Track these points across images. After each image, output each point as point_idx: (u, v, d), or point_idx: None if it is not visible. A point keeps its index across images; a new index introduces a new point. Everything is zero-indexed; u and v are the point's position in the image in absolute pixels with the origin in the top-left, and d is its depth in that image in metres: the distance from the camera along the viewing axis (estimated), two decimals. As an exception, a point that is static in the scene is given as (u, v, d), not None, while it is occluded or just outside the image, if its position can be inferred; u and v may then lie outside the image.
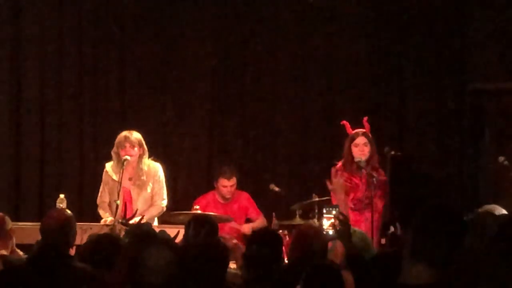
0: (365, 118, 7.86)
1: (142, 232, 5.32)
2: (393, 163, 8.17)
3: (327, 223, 5.03)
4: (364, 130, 7.82)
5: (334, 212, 5.00)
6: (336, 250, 5.20)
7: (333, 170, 7.82)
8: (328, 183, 6.44)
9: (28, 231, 7.19)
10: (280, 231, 7.66)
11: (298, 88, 9.89)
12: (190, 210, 8.19)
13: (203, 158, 9.82)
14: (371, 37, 9.83)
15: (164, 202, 8.06)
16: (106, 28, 9.72)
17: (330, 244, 5.30)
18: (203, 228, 5.94)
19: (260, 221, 8.86)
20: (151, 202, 8.00)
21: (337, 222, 4.87)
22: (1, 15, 9.59)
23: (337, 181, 6.42)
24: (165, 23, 9.76)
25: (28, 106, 9.61)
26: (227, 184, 8.73)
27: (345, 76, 9.85)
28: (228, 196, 8.77)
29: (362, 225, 7.39)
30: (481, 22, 9.67)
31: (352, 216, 7.04)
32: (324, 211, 5.03)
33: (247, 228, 8.58)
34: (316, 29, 9.85)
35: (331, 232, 4.91)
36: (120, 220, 7.35)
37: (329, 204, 7.88)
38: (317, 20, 9.84)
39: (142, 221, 7.16)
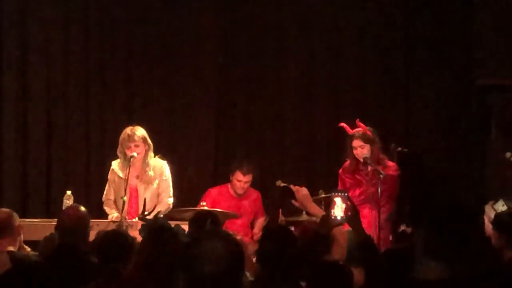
0: (357, 120, 7.90)
1: (158, 227, 5.32)
2: (400, 159, 8.17)
3: (336, 208, 4.94)
4: (360, 130, 7.83)
5: (343, 197, 4.86)
6: (337, 244, 5.19)
7: (340, 171, 7.87)
8: (295, 198, 5.72)
9: (35, 227, 7.21)
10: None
11: (304, 84, 9.89)
12: (196, 206, 8.21)
13: (209, 155, 9.82)
14: (377, 33, 9.83)
15: (171, 200, 8.06)
16: (113, 25, 9.73)
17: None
18: (206, 225, 5.94)
19: (261, 220, 8.93)
20: (157, 200, 7.99)
21: (348, 205, 4.78)
22: (7, 12, 9.60)
23: (303, 191, 5.66)
24: (171, 20, 9.76)
25: (35, 103, 9.61)
26: (241, 179, 8.74)
27: (351, 72, 9.85)
28: (240, 192, 8.79)
29: (364, 222, 7.37)
30: (488, 18, 9.66)
31: None
32: (333, 195, 4.88)
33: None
34: (322, 26, 9.85)
35: (339, 217, 4.84)
36: (139, 216, 7.32)
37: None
38: (323, 16, 9.84)
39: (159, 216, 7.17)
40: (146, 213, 7.24)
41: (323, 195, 8.21)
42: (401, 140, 8.96)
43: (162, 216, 7.38)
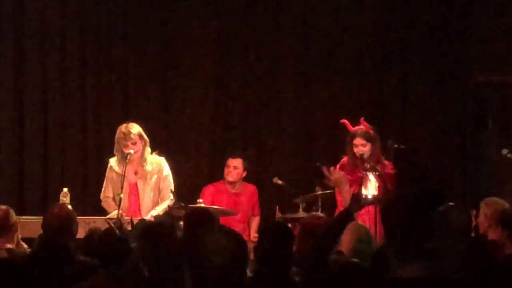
0: (362, 119, 7.88)
1: (146, 230, 5.31)
2: (397, 155, 8.17)
3: (369, 186, 4.83)
4: (362, 128, 7.81)
5: (376, 175, 4.72)
6: (343, 239, 5.18)
7: (337, 166, 7.85)
8: (327, 179, 6.00)
9: (32, 224, 7.19)
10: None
11: (302, 81, 9.89)
12: (194, 203, 8.21)
13: (206, 151, 9.82)
14: (374, 29, 9.84)
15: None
16: (110, 22, 9.72)
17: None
18: (202, 222, 5.93)
19: (257, 220, 8.92)
20: (159, 196, 7.96)
21: (381, 184, 4.67)
22: (3, 7, 9.58)
23: (338, 174, 6.01)
24: (168, 11, 9.75)
25: (31, 99, 9.61)
26: (230, 164, 8.73)
27: (348, 68, 9.85)
28: (230, 180, 8.75)
29: (365, 218, 7.39)
30: (485, 14, 9.66)
31: None
32: (365, 173, 4.75)
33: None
34: (320, 22, 9.85)
35: (370, 196, 4.74)
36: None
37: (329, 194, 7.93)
38: (321, 14, 9.85)
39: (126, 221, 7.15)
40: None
41: (320, 192, 8.20)
42: (398, 137, 8.95)
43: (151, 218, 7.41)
